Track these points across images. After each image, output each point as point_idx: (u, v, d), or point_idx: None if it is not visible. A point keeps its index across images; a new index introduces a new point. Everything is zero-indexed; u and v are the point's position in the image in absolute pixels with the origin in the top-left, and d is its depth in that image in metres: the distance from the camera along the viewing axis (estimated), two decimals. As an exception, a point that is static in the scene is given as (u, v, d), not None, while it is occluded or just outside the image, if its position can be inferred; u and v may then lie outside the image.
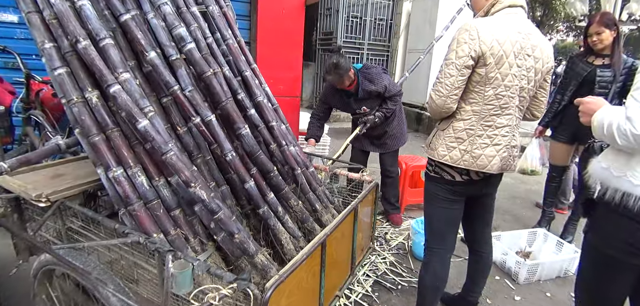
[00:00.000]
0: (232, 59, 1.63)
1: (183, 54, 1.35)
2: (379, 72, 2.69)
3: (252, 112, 1.56)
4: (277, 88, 3.22)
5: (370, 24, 7.79)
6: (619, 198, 1.06)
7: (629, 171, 1.04)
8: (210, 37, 1.57)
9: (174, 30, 1.33)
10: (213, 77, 1.37)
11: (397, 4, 7.85)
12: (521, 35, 1.40)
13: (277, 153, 1.59)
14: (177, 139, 1.34)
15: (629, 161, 1.05)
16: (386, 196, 3.10)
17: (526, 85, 1.46)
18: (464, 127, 1.48)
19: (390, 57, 8.15)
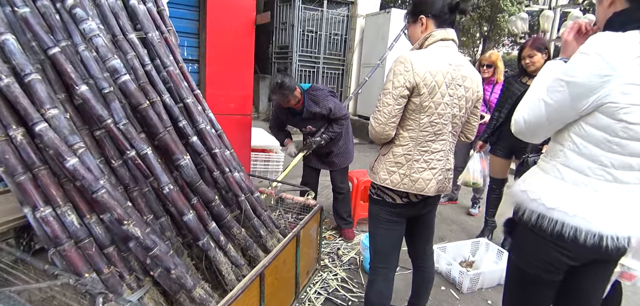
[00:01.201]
0: (173, 86, 1.61)
1: (118, 86, 1.32)
2: (325, 95, 2.75)
3: (194, 140, 1.55)
4: (227, 107, 3.19)
5: (325, 39, 7.95)
6: (534, 219, 1.15)
7: (543, 194, 1.13)
8: (149, 65, 1.54)
9: (107, 62, 1.29)
10: (149, 109, 1.34)
11: (351, 19, 8.09)
12: (452, 67, 1.51)
13: (220, 180, 1.58)
14: (111, 172, 1.30)
15: (543, 184, 1.15)
16: (338, 211, 3.17)
17: (458, 112, 1.58)
18: (403, 152, 1.56)
19: (345, 70, 8.35)
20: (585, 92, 0.99)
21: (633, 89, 0.95)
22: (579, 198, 1.07)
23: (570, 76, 1.01)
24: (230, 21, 3.09)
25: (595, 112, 1.01)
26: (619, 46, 0.95)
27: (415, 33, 1.62)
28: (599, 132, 1.02)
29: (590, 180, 1.06)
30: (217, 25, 3.06)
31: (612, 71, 0.95)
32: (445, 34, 1.54)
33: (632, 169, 1.04)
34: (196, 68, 3.25)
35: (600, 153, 1.03)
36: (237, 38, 3.13)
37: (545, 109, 1.09)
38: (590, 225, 1.05)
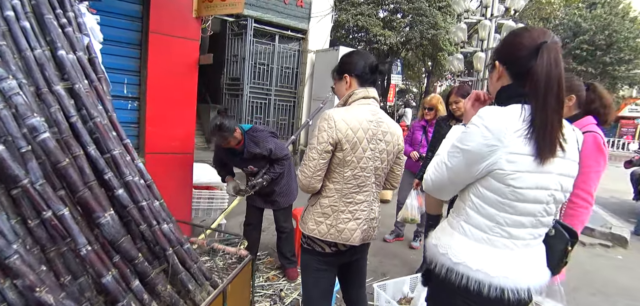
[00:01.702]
0: (99, 137, 1.59)
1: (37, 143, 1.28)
2: (266, 136, 2.81)
3: (120, 193, 1.52)
4: (168, 145, 3.14)
5: (277, 72, 8.10)
6: (444, 272, 1.23)
7: (450, 249, 1.22)
8: (75, 116, 1.51)
9: (26, 120, 1.26)
10: (69, 167, 1.32)
11: (302, 54, 8.34)
12: (373, 124, 1.64)
13: (147, 233, 1.56)
14: (28, 232, 1.24)
15: (450, 240, 1.24)
16: (281, 250, 3.18)
17: (380, 165, 1.70)
18: (329, 203, 1.65)
19: (296, 103, 8.51)
20: (477, 159, 1.11)
21: (516, 158, 1.07)
22: (481, 254, 1.17)
23: (464, 144, 1.14)
24: (172, 60, 3.09)
25: (488, 176, 1.13)
26: (503, 119, 1.08)
27: (340, 90, 1.75)
28: (492, 194, 1.14)
29: (489, 237, 1.17)
30: (158, 63, 3.05)
31: (497, 141, 1.07)
32: (367, 92, 1.68)
33: (524, 226, 1.16)
34: (136, 106, 3.19)
35: (495, 212, 1.15)
36: (180, 77, 3.13)
37: (446, 172, 1.21)
38: (492, 279, 1.14)
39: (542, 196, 1.13)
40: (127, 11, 3.05)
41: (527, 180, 1.09)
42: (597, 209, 6.22)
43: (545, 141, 1.06)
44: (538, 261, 1.22)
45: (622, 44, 18.17)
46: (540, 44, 1.08)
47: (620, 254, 4.67)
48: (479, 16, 7.60)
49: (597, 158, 1.75)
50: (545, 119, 1.05)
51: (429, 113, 3.88)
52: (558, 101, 1.07)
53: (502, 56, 1.21)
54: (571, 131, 1.19)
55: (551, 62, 1.06)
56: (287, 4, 7.90)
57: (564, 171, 1.14)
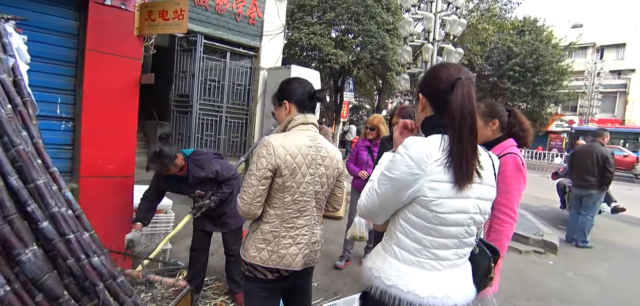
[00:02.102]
0: (23, 166, 1.48)
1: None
2: (210, 158, 2.74)
3: (44, 225, 1.43)
4: (106, 168, 2.98)
5: (229, 88, 7.99)
6: (378, 295, 1.28)
7: (383, 272, 1.28)
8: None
9: None
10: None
11: (255, 71, 8.31)
12: (312, 149, 1.69)
13: (75, 268, 1.47)
14: None
15: (383, 263, 1.30)
16: (230, 274, 3.09)
17: (320, 189, 1.75)
18: (270, 229, 1.66)
19: (249, 120, 8.44)
20: (403, 186, 1.19)
21: (437, 185, 1.16)
22: (411, 276, 1.24)
23: (391, 173, 1.21)
24: (111, 79, 2.96)
25: (414, 203, 1.20)
26: (424, 149, 1.17)
27: (280, 115, 1.79)
28: (418, 219, 1.21)
29: (418, 259, 1.24)
30: (96, 82, 2.90)
31: (419, 170, 1.16)
32: (305, 118, 1.73)
33: (449, 247, 1.25)
34: (71, 126, 3.00)
35: (422, 236, 1.23)
36: (119, 96, 3.00)
37: (377, 198, 1.27)
38: (422, 300, 1.21)
39: (463, 219, 1.22)
40: (62, 27, 2.88)
41: (448, 205, 1.18)
42: (531, 217, 6.74)
43: (462, 169, 1.16)
44: (464, 279, 1.31)
45: (547, 67, 20.65)
46: (455, 79, 1.19)
47: (552, 259, 5.05)
48: (423, 40, 8.08)
49: (518, 178, 1.93)
50: (461, 149, 1.14)
51: (371, 133, 3.98)
52: (471, 132, 1.17)
53: (425, 89, 1.30)
54: (487, 158, 1.30)
55: (464, 97, 1.16)
56: (238, 21, 7.88)
57: (482, 195, 1.25)
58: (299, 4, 12.96)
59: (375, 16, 12.47)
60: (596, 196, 5.57)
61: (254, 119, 8.38)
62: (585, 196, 5.64)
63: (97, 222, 2.01)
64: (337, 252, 4.35)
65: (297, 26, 12.52)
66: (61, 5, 2.88)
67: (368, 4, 12.30)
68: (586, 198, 5.63)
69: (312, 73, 8.11)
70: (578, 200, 5.79)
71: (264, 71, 8.28)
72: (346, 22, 12.83)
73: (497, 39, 20.33)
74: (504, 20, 18.68)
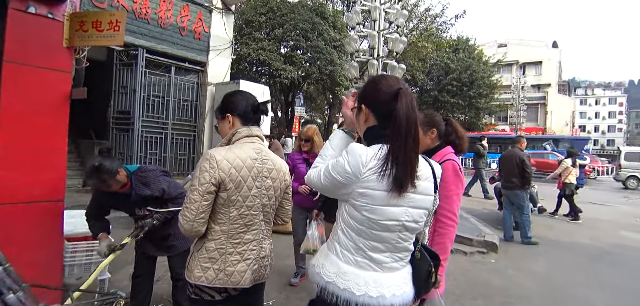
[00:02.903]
0: None
1: None
2: (157, 175, 2.56)
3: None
4: (30, 193, 2.65)
5: (174, 104, 7.67)
6: (319, 291, 1.28)
7: (323, 269, 1.29)
8: None
9: None
10: None
11: (202, 87, 8.06)
12: (257, 161, 1.63)
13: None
14: None
15: (324, 260, 1.31)
16: (178, 300, 2.86)
17: (268, 202, 1.68)
18: (216, 247, 1.56)
19: (197, 136, 8.13)
20: (340, 186, 1.24)
21: (370, 192, 1.20)
22: (349, 275, 1.25)
23: (333, 172, 1.24)
24: (35, 94, 2.67)
25: (348, 205, 1.25)
26: (362, 157, 1.20)
27: (224, 129, 1.71)
28: (353, 221, 1.25)
29: (356, 259, 1.26)
30: (15, 97, 2.60)
31: (354, 177, 1.20)
32: (250, 131, 1.67)
33: (381, 251, 1.27)
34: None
35: (356, 237, 1.26)
36: (45, 113, 2.71)
37: (323, 183, 1.30)
38: (357, 299, 1.22)
39: (393, 226, 1.24)
40: (-28, 36, 2.57)
41: (379, 212, 1.21)
42: (474, 220, 7.16)
43: (406, 176, 1.19)
44: (402, 281, 1.32)
45: (480, 82, 23.04)
46: (397, 90, 1.23)
47: (493, 258, 5.36)
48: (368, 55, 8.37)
49: (457, 183, 2.03)
50: (406, 157, 1.18)
51: (306, 145, 3.87)
52: (415, 140, 1.22)
53: (367, 100, 1.32)
54: (428, 167, 1.33)
55: (409, 106, 1.21)
56: (183, 35, 7.61)
57: (415, 204, 1.26)
58: (247, 20, 12.89)
59: (323, 33, 12.75)
60: (522, 195, 6.19)
61: (203, 135, 8.09)
62: (512, 196, 6.29)
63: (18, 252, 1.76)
64: (292, 268, 4.27)
65: (245, 41, 12.40)
66: (-28, 12, 2.57)
67: (315, 21, 12.56)
68: (514, 197, 6.27)
69: (262, 88, 8.04)
70: (508, 200, 6.42)
71: (212, 86, 8.06)
72: (294, 38, 12.96)
73: (435, 56, 21.87)
74: (440, 39, 20.22)
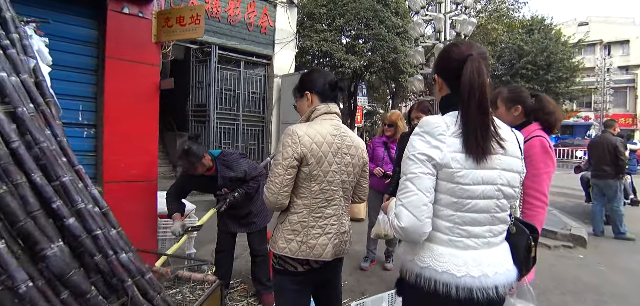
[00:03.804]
0: (46, 164, 1.46)
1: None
2: (237, 158, 2.75)
3: (70, 222, 1.40)
4: (129, 173, 2.98)
5: (244, 97, 8.03)
6: (413, 279, 1.23)
7: (415, 256, 1.23)
8: (17, 141, 1.38)
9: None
10: (6, 195, 1.19)
11: (268, 79, 8.34)
12: (337, 138, 1.63)
13: (103, 265, 1.43)
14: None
15: (415, 246, 1.23)
16: (257, 276, 3.04)
17: (347, 178, 1.68)
18: (298, 220, 1.60)
19: (265, 127, 8.45)
20: (427, 160, 1.16)
21: (458, 156, 1.14)
22: (444, 255, 1.18)
23: (413, 153, 1.18)
24: (131, 85, 2.97)
25: (439, 180, 1.17)
26: (439, 123, 1.17)
27: (302, 106, 1.74)
28: (446, 195, 1.17)
29: (450, 238, 1.19)
30: (116, 89, 2.92)
31: (439, 142, 1.15)
32: (328, 108, 1.68)
33: (481, 223, 1.19)
34: (93, 133, 3.02)
35: (451, 213, 1.18)
36: (140, 103, 3.01)
37: (414, 187, 1.16)
38: (459, 280, 1.15)
39: (491, 191, 1.18)
40: (82, 36, 2.92)
41: (472, 176, 1.15)
42: (557, 213, 6.53)
43: (470, 142, 1.14)
44: (503, 259, 1.24)
45: (559, 64, 20.29)
46: (466, 56, 1.18)
47: (581, 253, 4.90)
48: (434, 40, 8.00)
49: (546, 160, 1.85)
50: (468, 123, 1.15)
51: (389, 129, 3.88)
52: (480, 107, 1.15)
53: (439, 69, 1.32)
54: (510, 131, 1.27)
55: (473, 72, 1.16)
56: (250, 31, 7.93)
57: (506, 166, 1.20)
58: (309, 13, 13.00)
59: (385, 20, 12.40)
60: (614, 184, 5.56)
61: (270, 126, 8.38)
62: (604, 186, 5.66)
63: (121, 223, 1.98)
64: (361, 253, 4.26)
65: (307, 34, 12.53)
66: (81, 15, 2.92)
67: (377, 8, 12.25)
68: (606, 188, 5.63)
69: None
70: (599, 191, 5.79)
71: (278, 78, 8.30)
72: (356, 27, 12.79)
73: (507, 39, 20.00)
74: (512, 19, 18.41)
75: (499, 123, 1.24)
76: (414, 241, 1.21)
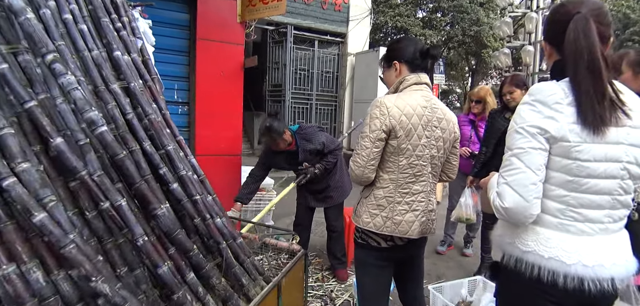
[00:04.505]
0: (154, 134, 1.61)
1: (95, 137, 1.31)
2: (315, 131, 2.79)
3: (174, 187, 1.53)
4: (217, 147, 3.20)
5: (318, 77, 8.11)
6: (513, 263, 1.12)
7: (517, 238, 1.11)
8: (131, 114, 1.54)
9: (84, 114, 1.30)
10: (126, 159, 1.34)
11: (342, 58, 8.29)
12: (427, 110, 1.53)
13: (201, 227, 1.55)
14: (85, 224, 1.27)
15: (516, 229, 1.12)
16: (332, 250, 3.10)
17: (436, 153, 1.58)
18: (384, 194, 1.55)
19: (338, 106, 8.47)
20: (538, 134, 1.02)
21: (576, 127, 0.99)
22: (553, 240, 1.05)
23: (523, 126, 1.04)
24: (219, 65, 3.16)
25: (552, 156, 1.03)
26: (553, 90, 1.02)
27: (389, 77, 1.66)
28: (560, 173, 1.03)
29: (561, 222, 1.05)
30: (206, 68, 3.13)
31: (553, 112, 1.01)
32: (418, 78, 1.58)
33: (601, 207, 1.04)
34: (186, 110, 3.29)
35: (565, 193, 1.04)
36: (226, 81, 3.19)
37: (525, 174, 1.03)
38: (568, 268, 1.02)
39: (615, 170, 1.02)
40: (176, 20, 3.17)
41: (593, 152, 1.00)
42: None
43: (584, 110, 0.99)
44: (622, 248, 1.09)
45: None
46: (573, 15, 1.03)
47: None
48: (524, 9, 7.18)
49: None
50: (579, 90, 1.00)
51: (477, 106, 3.55)
52: (591, 71, 0.99)
53: (546, 34, 1.19)
54: (635, 99, 1.07)
55: (579, 33, 1.01)
56: (325, 9, 7.92)
57: (635, 141, 1.03)
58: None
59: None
60: None
61: (343, 105, 8.38)
62: None
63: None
64: (438, 237, 4.09)
65: (382, 10, 12.15)
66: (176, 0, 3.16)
67: (458, -23, 11.40)
68: None
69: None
70: None
71: (352, 56, 8.21)
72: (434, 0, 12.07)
73: (610, 4, 17.13)
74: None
75: (623, 88, 1.06)
76: (519, 224, 1.10)
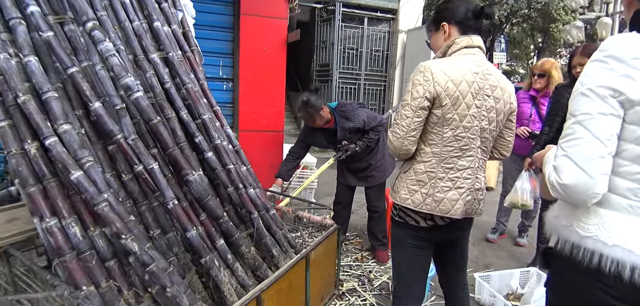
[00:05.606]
0: (191, 103, 1.63)
1: (131, 102, 1.35)
2: (355, 108, 2.67)
3: (209, 155, 1.54)
4: (260, 123, 3.23)
5: (366, 56, 7.90)
6: (568, 249, 0.97)
7: (575, 221, 0.95)
8: (169, 83, 1.57)
9: (121, 79, 1.33)
10: (160, 125, 1.36)
11: (393, 35, 7.97)
12: (479, 76, 1.37)
13: (234, 196, 1.56)
14: (121, 186, 1.31)
15: (575, 210, 0.96)
16: (372, 231, 3.02)
17: (487, 126, 1.42)
18: (425, 169, 1.43)
19: (387, 86, 8.21)
20: (612, 95, 0.85)
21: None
22: (620, 225, 0.88)
23: (590, 88, 0.87)
24: (262, 41, 3.15)
25: (626, 123, 0.86)
26: (632, 42, 0.84)
27: (437, 42, 1.50)
28: (633, 145, 0.86)
29: (631, 203, 0.87)
30: (249, 45, 3.13)
31: (631, 69, 0.83)
32: (470, 41, 1.40)
33: None
34: (231, 86, 3.34)
35: (638, 170, 0.86)
36: (269, 56, 3.18)
37: (587, 135, 0.87)
38: (635, 259, 0.84)
39: None
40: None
41: None
42: None
43: None
44: None
45: None
46: None
47: None
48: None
49: None
50: None
51: (539, 80, 3.12)
52: None
53: None
54: None
55: None
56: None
57: None
58: (440, -40, 11.85)
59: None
60: None
61: (393, 85, 8.10)
62: None
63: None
64: (489, 224, 3.82)
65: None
66: (220, -24, 3.19)
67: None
68: None
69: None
70: None
71: (403, 33, 7.86)
72: (497, -30, 11.14)
73: None
74: None
75: None
76: (579, 203, 0.93)
